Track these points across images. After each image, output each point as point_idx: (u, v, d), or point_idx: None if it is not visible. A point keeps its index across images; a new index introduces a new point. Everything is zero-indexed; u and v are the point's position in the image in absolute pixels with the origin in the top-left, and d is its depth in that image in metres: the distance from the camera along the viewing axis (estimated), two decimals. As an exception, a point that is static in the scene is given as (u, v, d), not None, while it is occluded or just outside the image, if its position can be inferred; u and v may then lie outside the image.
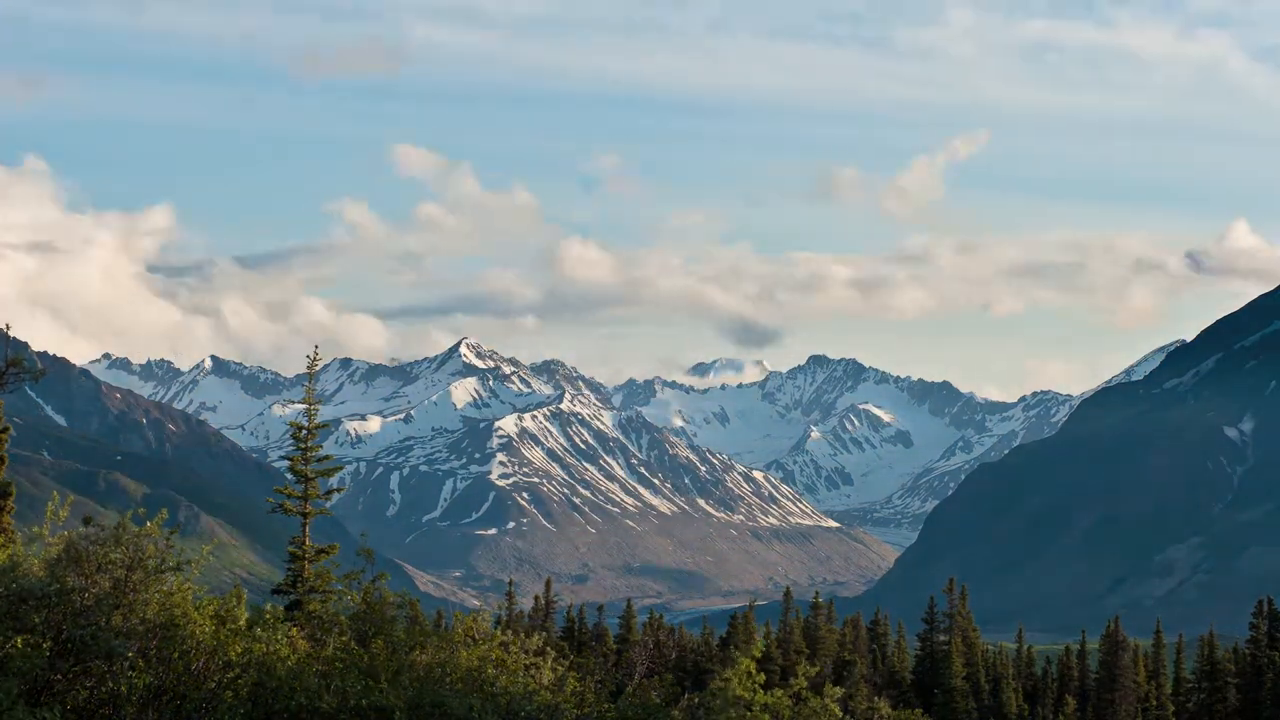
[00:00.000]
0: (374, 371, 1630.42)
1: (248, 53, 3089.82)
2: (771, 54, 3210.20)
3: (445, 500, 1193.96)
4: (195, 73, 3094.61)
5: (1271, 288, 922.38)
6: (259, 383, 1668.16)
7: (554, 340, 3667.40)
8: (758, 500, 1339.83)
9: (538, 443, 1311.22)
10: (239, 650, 39.85)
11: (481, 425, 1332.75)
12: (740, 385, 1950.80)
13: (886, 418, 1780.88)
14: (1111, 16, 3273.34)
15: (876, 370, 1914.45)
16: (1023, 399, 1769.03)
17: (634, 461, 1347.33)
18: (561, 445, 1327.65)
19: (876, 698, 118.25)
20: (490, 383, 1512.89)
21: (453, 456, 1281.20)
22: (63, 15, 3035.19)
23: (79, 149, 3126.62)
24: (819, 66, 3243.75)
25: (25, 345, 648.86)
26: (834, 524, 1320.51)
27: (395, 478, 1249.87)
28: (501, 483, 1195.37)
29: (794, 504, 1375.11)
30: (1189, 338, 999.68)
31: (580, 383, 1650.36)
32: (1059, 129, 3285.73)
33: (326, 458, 69.78)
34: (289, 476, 69.06)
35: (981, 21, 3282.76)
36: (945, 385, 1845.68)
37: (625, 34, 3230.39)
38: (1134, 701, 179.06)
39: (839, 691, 54.51)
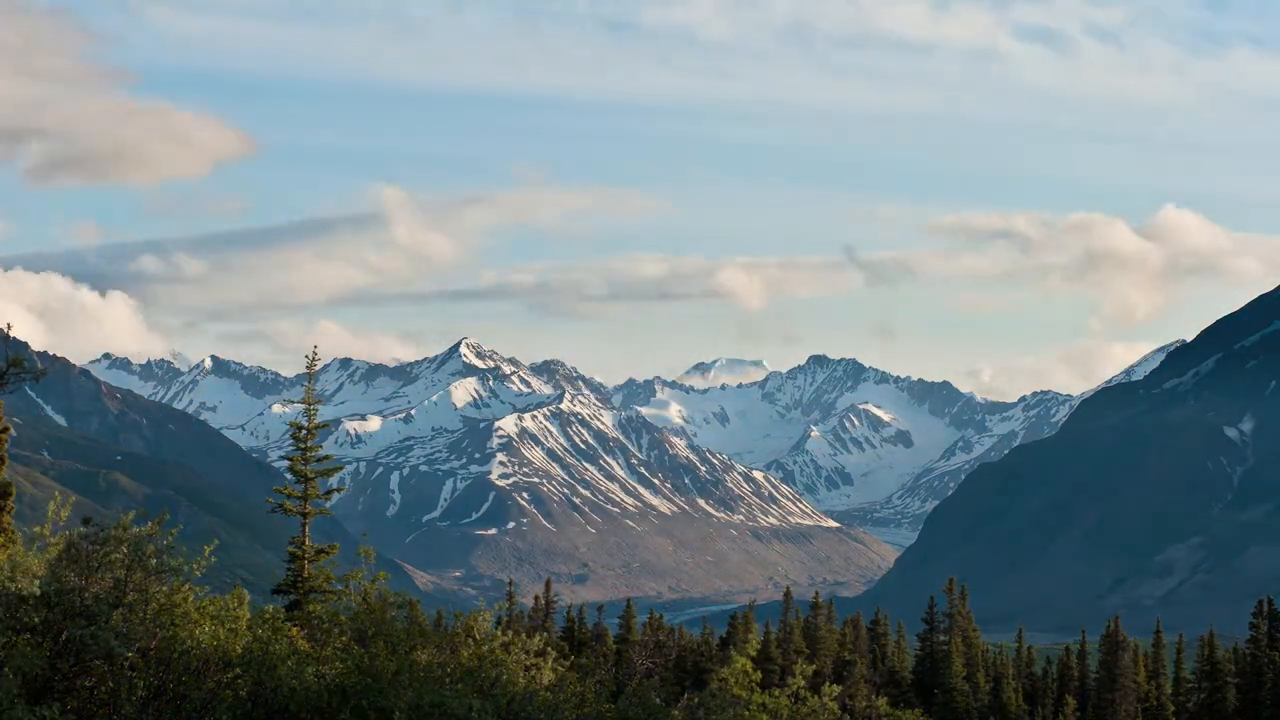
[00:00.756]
0: (374, 371, 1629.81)
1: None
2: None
3: (445, 500, 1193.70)
4: (193, 74, 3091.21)
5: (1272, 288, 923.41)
6: (259, 383, 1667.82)
7: (553, 340, 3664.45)
8: (758, 500, 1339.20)
9: (538, 443, 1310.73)
10: (239, 650, 39.92)
11: (481, 425, 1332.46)
12: (740, 385, 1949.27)
13: (886, 418, 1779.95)
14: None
15: (876, 370, 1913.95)
16: (1023, 399, 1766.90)
17: (634, 461, 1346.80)
18: (561, 445, 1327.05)
19: (875, 696, 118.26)
20: (490, 382, 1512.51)
21: (453, 456, 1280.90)
22: None
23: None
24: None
25: (25, 345, 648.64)
26: (834, 524, 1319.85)
27: (395, 478, 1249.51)
28: (501, 483, 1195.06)
29: (794, 504, 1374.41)
30: (1189, 338, 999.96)
31: (580, 382, 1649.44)
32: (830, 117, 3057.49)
33: (326, 458, 69.91)
34: (289, 476, 69.17)
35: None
36: (945, 385, 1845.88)
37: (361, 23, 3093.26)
38: (1134, 701, 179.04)
39: (837, 689, 54.55)
